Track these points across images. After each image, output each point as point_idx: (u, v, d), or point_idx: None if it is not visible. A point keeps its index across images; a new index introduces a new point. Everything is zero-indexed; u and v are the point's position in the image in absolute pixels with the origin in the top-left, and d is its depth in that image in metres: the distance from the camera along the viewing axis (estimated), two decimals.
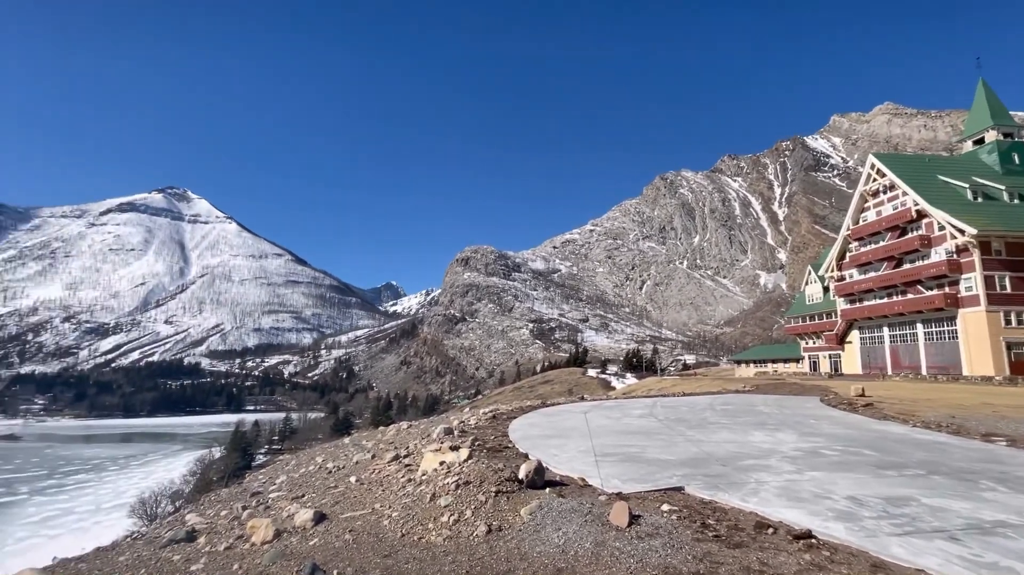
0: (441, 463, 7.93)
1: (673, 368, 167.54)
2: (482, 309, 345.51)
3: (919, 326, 44.52)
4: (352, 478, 9.47)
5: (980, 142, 50.13)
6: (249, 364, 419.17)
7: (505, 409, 21.98)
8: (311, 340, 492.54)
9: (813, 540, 5.10)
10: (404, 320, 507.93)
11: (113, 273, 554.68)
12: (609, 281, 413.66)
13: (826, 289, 60.90)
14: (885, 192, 48.83)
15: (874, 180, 49.96)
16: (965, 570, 4.46)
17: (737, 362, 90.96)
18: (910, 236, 45.14)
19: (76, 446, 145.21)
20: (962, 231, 39.38)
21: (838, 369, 55.99)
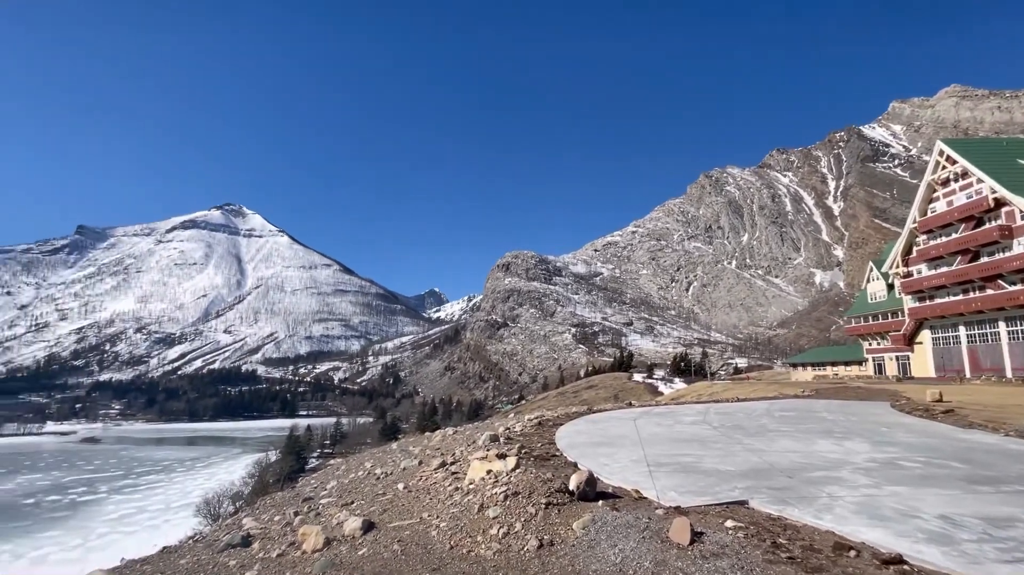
0: (488, 472, 7.73)
1: (724, 372, 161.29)
2: (524, 314, 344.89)
3: (1001, 324, 40.80)
4: (400, 485, 9.44)
5: None
6: (301, 371, 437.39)
7: (550, 415, 21.62)
8: (359, 347, 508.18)
9: (905, 566, 4.53)
10: (447, 326, 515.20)
11: (178, 286, 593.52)
12: (653, 283, 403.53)
13: (891, 286, 56.92)
14: (957, 180, 45.21)
15: (943, 168, 46.38)
16: None
17: (793, 365, 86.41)
18: (988, 227, 41.53)
19: (148, 448, 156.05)
20: None
21: (907, 372, 52.17)
